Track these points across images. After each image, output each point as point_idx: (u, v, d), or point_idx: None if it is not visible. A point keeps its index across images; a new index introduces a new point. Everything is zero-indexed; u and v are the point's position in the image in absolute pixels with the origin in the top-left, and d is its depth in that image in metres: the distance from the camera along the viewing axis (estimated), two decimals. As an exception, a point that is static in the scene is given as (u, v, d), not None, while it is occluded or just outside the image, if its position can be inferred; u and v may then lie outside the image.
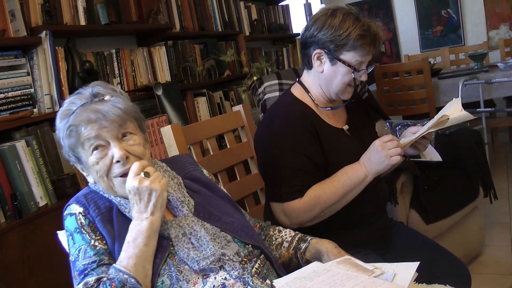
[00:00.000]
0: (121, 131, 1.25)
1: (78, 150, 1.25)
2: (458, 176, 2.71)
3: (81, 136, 1.22)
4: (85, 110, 1.23)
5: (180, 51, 3.78)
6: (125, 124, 1.26)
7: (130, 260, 1.14)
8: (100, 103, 1.25)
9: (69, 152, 1.28)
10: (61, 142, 1.28)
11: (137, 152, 1.26)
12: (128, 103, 1.30)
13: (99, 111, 1.22)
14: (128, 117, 1.27)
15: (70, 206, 1.28)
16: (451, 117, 1.51)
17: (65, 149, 1.28)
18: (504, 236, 3.06)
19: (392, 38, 6.38)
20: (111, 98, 1.27)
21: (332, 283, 1.13)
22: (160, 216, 1.21)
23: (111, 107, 1.23)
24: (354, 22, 1.57)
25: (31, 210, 2.22)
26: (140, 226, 1.17)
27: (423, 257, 1.45)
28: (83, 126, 1.21)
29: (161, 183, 1.19)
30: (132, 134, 1.27)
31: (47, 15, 2.62)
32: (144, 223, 1.17)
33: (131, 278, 1.11)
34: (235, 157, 2.05)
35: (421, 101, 4.17)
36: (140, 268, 1.14)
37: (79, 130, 1.22)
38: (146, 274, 1.15)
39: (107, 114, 1.22)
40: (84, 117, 1.21)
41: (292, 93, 1.75)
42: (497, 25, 5.83)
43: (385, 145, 1.52)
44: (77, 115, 1.23)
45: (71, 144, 1.25)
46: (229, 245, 1.26)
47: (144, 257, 1.15)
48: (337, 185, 1.58)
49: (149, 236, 1.17)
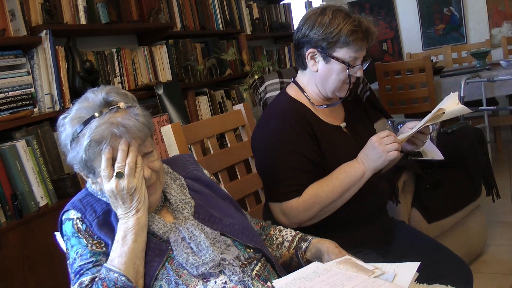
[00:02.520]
0: (143, 150, 1.22)
1: (94, 164, 1.21)
2: (460, 175, 2.70)
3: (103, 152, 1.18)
4: (105, 123, 1.17)
5: (181, 50, 3.77)
6: (146, 141, 1.23)
7: (120, 258, 1.14)
8: (118, 114, 1.19)
9: (82, 163, 1.22)
10: (67, 147, 1.23)
11: (157, 168, 1.26)
12: (145, 112, 1.26)
13: (122, 125, 1.17)
14: (148, 131, 1.24)
15: (67, 211, 1.27)
16: (447, 110, 1.50)
17: (74, 158, 1.22)
18: (507, 235, 3.05)
19: (394, 37, 6.36)
20: (126, 106, 1.22)
21: (332, 283, 1.12)
22: (145, 210, 1.20)
23: (133, 120, 1.19)
24: (345, 19, 1.57)
25: (31, 210, 2.22)
26: (127, 224, 1.17)
27: (424, 257, 1.44)
28: (106, 143, 1.16)
29: (136, 178, 1.17)
30: (151, 151, 1.25)
31: (47, 14, 2.61)
32: (130, 220, 1.17)
33: (121, 276, 1.11)
34: (236, 156, 2.04)
35: (423, 99, 4.15)
36: (130, 266, 1.14)
37: (101, 146, 1.17)
38: (137, 270, 1.15)
39: (130, 129, 1.17)
40: (107, 132, 1.16)
41: (288, 93, 1.74)
42: (500, 23, 5.81)
43: (382, 140, 1.51)
44: (97, 129, 1.16)
45: (89, 158, 1.19)
46: (229, 249, 1.25)
47: (134, 253, 1.15)
48: (335, 183, 1.57)
49: (137, 232, 1.17)
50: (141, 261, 1.17)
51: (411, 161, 2.45)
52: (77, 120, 1.20)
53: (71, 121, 1.22)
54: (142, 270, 1.16)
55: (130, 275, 1.13)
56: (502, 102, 5.08)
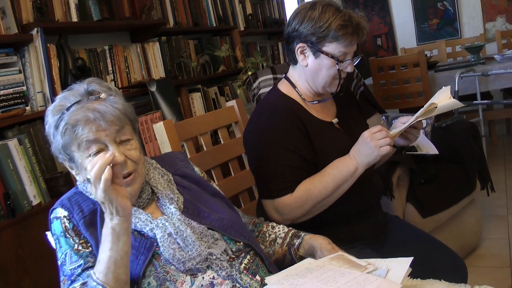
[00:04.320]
0: (119, 137, 1.22)
1: (71, 150, 1.22)
2: (454, 169, 2.70)
3: (78, 137, 1.18)
4: (81, 108, 1.19)
5: (174, 47, 3.76)
6: (123, 129, 1.23)
7: (100, 266, 1.10)
8: (97, 101, 1.21)
9: (61, 150, 1.23)
10: (51, 137, 1.25)
11: (134, 157, 1.24)
12: (125, 102, 1.27)
13: (97, 111, 1.18)
14: (125, 119, 1.24)
15: (55, 209, 1.27)
16: (439, 105, 1.49)
17: (55, 146, 1.24)
18: (501, 229, 3.05)
19: (388, 32, 6.36)
20: (108, 96, 1.24)
21: (324, 279, 1.12)
22: (123, 221, 1.10)
23: (109, 106, 1.20)
24: (334, 13, 1.56)
25: (24, 209, 2.21)
26: (105, 229, 1.11)
27: (419, 252, 1.45)
28: (80, 127, 1.17)
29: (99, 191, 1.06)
30: (129, 139, 1.25)
31: (39, 11, 2.59)
32: (108, 226, 1.11)
33: (99, 286, 1.08)
34: (229, 153, 2.03)
35: (418, 94, 4.16)
36: (109, 274, 1.09)
37: (76, 130, 1.17)
38: (117, 279, 1.09)
39: (105, 114, 1.18)
40: (82, 116, 1.17)
41: (279, 89, 1.73)
42: (494, 17, 5.81)
43: (373, 135, 1.50)
44: (73, 113, 1.18)
45: (65, 143, 1.20)
46: (216, 243, 1.24)
47: (112, 262, 1.09)
48: (328, 179, 1.56)
49: (112, 240, 1.09)
50: (122, 269, 1.11)
51: (405, 156, 2.45)
52: (58, 108, 1.23)
53: (53, 109, 1.24)
54: (124, 278, 1.11)
55: (109, 284, 1.09)
56: (496, 96, 5.10)
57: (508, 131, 5.34)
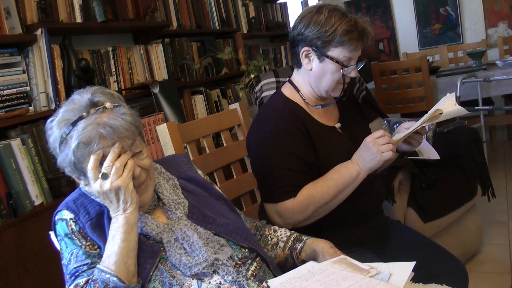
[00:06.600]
0: (133, 150, 1.22)
1: (84, 166, 1.19)
2: (456, 174, 2.70)
3: (93, 152, 1.17)
4: (91, 124, 1.16)
5: (177, 49, 3.76)
6: (136, 141, 1.22)
7: (111, 259, 1.13)
8: (104, 114, 1.19)
9: (71, 165, 1.21)
10: (56, 151, 1.23)
11: (146, 165, 1.25)
12: (131, 111, 1.25)
13: (108, 125, 1.16)
14: (136, 130, 1.23)
15: (61, 211, 1.27)
16: (444, 111, 1.50)
17: (64, 160, 1.21)
18: (502, 235, 3.06)
19: (390, 36, 6.37)
20: (112, 106, 1.21)
21: (327, 283, 1.12)
22: (135, 209, 1.18)
23: (119, 120, 1.18)
24: (340, 18, 1.57)
25: (26, 209, 2.21)
26: (117, 223, 1.17)
27: (420, 256, 1.44)
28: (95, 144, 1.16)
29: (122, 178, 1.16)
30: (141, 150, 1.25)
31: (43, 12, 2.60)
32: (119, 219, 1.17)
33: (113, 277, 1.11)
34: (232, 155, 2.03)
35: (419, 99, 4.16)
36: (121, 266, 1.13)
37: (91, 147, 1.16)
38: (128, 270, 1.14)
39: (117, 130, 1.17)
40: (95, 133, 1.15)
41: (283, 92, 1.73)
42: (496, 23, 5.82)
43: (376, 141, 1.51)
44: (84, 131, 1.16)
45: (78, 159, 1.18)
46: (222, 249, 1.25)
47: (124, 253, 1.14)
48: (330, 184, 1.56)
49: (125, 231, 1.16)
50: (133, 260, 1.16)
51: (407, 161, 2.45)
52: (64, 123, 1.20)
53: (58, 124, 1.21)
54: (134, 269, 1.15)
55: (121, 275, 1.12)
56: (498, 102, 5.10)
57: (509, 137, 5.35)
